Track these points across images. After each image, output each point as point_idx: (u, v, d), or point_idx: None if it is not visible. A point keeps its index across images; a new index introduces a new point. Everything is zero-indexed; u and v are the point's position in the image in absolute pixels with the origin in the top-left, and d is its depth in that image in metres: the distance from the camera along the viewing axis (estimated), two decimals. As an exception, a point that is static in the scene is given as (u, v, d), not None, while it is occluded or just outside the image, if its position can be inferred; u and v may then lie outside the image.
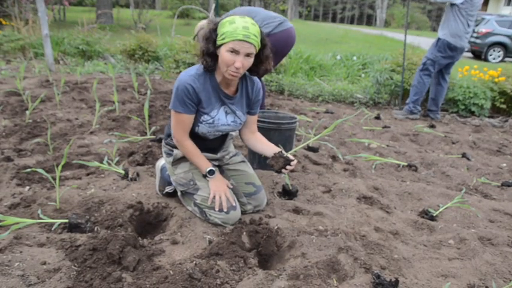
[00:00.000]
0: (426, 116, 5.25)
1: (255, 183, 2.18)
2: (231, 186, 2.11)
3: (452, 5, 4.51)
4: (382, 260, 1.79)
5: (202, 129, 1.99)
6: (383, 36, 20.14)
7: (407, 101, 5.09)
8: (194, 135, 2.02)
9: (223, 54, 1.80)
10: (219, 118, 2.00)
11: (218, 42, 1.81)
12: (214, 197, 1.99)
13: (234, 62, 1.79)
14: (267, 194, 2.38)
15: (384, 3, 43.95)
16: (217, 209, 1.97)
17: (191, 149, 2.00)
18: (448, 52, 4.65)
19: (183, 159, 2.10)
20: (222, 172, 2.22)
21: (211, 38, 1.83)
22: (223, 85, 1.98)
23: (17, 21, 7.53)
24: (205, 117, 1.97)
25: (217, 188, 2.02)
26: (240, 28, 1.76)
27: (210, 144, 2.12)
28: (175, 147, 2.09)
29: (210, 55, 1.85)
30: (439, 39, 4.67)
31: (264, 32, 3.02)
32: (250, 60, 1.85)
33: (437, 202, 2.54)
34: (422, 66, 4.83)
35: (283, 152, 2.04)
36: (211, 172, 2.03)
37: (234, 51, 1.78)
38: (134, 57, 6.87)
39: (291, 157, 2.01)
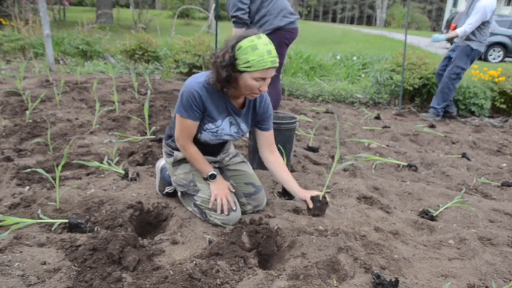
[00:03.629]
0: (445, 113, 5.25)
1: (255, 183, 2.18)
2: (233, 190, 2.11)
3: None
4: (382, 260, 1.79)
5: (204, 136, 1.97)
6: (383, 36, 20.13)
7: (434, 105, 5.06)
8: (195, 141, 2.01)
9: (249, 81, 1.75)
10: (223, 128, 1.97)
11: (241, 69, 1.74)
12: (215, 200, 1.99)
13: (259, 86, 1.78)
14: (267, 194, 2.38)
15: (384, 3, 43.93)
16: (218, 212, 1.97)
17: (194, 154, 1.99)
18: (476, 58, 4.85)
19: (184, 160, 2.10)
20: (221, 173, 2.22)
21: (232, 65, 1.74)
22: (232, 97, 1.94)
23: (17, 21, 7.53)
24: (209, 126, 1.94)
25: (218, 191, 2.01)
26: (266, 55, 1.71)
27: (211, 148, 2.11)
28: (176, 149, 2.08)
29: (229, 81, 1.78)
30: (472, 49, 4.72)
31: (277, 24, 3.09)
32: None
33: (437, 202, 2.54)
34: (455, 76, 4.84)
35: (315, 193, 1.94)
36: (212, 176, 2.03)
37: (262, 79, 1.76)
38: (134, 57, 6.87)
39: (327, 198, 1.94)
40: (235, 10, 3.07)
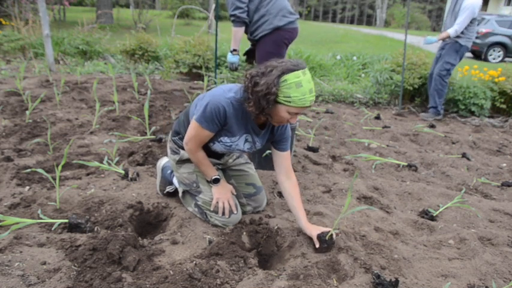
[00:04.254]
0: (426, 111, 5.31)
1: (256, 184, 2.18)
2: (235, 193, 2.10)
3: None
4: (382, 260, 1.79)
5: (216, 147, 1.95)
6: (383, 36, 20.13)
7: (433, 105, 5.08)
8: (204, 147, 1.97)
9: (283, 113, 1.72)
10: (238, 144, 1.94)
11: (279, 100, 1.68)
12: (217, 203, 1.98)
13: (290, 118, 1.75)
14: (267, 194, 2.38)
15: (384, 3, 43.92)
16: (220, 215, 1.97)
17: (201, 158, 1.96)
18: (465, 54, 4.93)
19: (189, 160, 2.08)
20: (223, 172, 2.22)
21: (275, 97, 1.68)
22: (255, 118, 1.87)
23: (17, 21, 7.53)
24: (225, 139, 1.91)
25: (220, 195, 2.00)
26: (308, 94, 1.67)
27: (217, 154, 2.09)
28: (183, 148, 2.05)
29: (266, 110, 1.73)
30: (461, 45, 4.78)
31: (276, 24, 3.09)
32: None
33: (437, 202, 2.54)
34: (446, 72, 4.90)
35: (321, 230, 1.84)
36: (216, 180, 2.01)
37: (295, 113, 1.73)
38: (134, 57, 6.87)
39: (334, 236, 1.84)
40: (233, 9, 3.08)
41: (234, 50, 3.35)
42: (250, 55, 3.47)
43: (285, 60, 1.72)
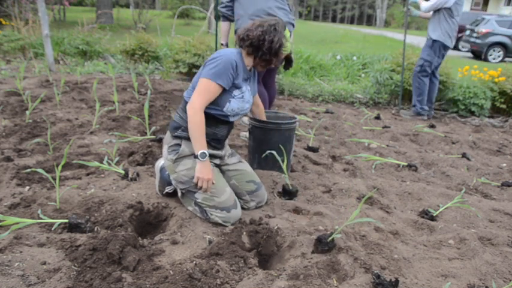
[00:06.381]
0: (417, 114, 5.30)
1: (255, 180, 2.24)
2: (214, 183, 2.07)
3: (444, 8, 4.68)
4: (382, 260, 1.79)
5: (233, 105, 2.08)
6: (383, 36, 20.14)
7: (413, 103, 5.08)
8: (213, 124, 2.09)
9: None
10: (245, 92, 2.14)
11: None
12: (198, 180, 2.00)
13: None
14: (267, 194, 2.38)
15: (384, 3, 43.90)
16: (198, 189, 2.00)
17: (200, 122, 1.97)
18: (442, 52, 4.86)
19: (186, 156, 2.08)
20: (222, 173, 2.23)
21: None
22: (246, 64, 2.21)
23: (17, 21, 7.52)
24: (236, 92, 2.09)
25: (201, 174, 1.98)
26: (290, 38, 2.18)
27: (221, 131, 2.14)
28: (185, 138, 2.06)
29: None
30: (434, 41, 4.77)
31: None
32: None
33: (437, 202, 2.54)
34: (419, 68, 4.89)
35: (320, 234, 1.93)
36: (203, 155, 1.97)
37: None
38: (134, 57, 6.86)
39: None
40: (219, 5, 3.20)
41: (222, 44, 3.39)
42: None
43: (272, 20, 2.17)
